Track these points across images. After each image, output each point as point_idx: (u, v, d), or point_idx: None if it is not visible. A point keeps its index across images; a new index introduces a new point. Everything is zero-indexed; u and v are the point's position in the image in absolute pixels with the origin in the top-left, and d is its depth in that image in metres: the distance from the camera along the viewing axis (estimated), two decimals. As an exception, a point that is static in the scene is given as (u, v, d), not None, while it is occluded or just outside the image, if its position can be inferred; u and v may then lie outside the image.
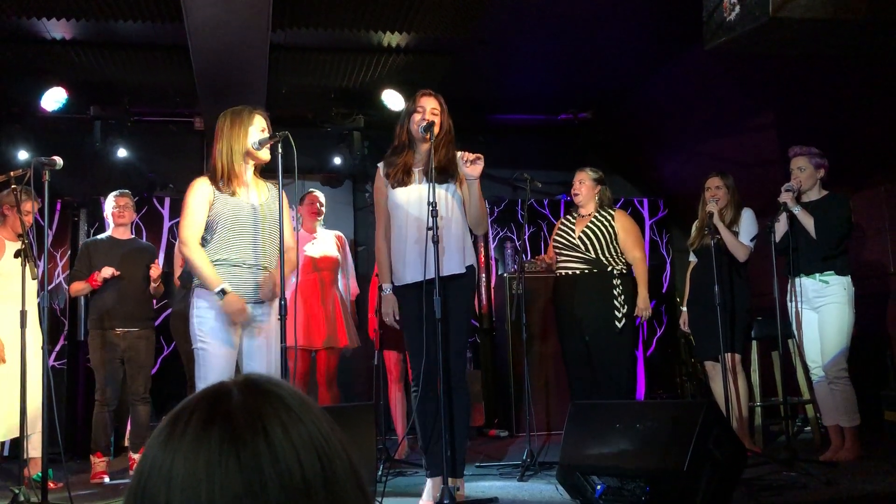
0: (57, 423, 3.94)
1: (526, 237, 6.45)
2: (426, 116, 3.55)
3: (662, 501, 3.09)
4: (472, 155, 3.44)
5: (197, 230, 3.36)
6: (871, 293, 5.32)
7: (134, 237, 5.23)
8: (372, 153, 6.69)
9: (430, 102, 3.60)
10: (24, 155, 6.19)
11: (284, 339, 3.23)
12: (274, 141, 3.34)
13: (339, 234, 5.41)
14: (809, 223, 4.40)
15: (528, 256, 6.61)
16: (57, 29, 5.36)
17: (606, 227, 4.75)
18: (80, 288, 4.93)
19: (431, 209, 3.35)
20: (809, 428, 5.25)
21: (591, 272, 4.71)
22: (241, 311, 3.27)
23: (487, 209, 4.23)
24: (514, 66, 6.41)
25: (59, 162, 3.82)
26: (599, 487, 3.29)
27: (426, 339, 3.44)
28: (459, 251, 3.56)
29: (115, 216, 5.03)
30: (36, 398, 3.84)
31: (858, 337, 4.53)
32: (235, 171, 3.38)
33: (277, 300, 3.28)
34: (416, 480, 4.20)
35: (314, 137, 6.78)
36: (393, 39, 5.68)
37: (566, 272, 4.80)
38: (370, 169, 5.45)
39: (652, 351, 7.31)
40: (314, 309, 5.00)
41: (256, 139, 3.40)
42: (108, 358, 4.84)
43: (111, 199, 5.08)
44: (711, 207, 4.61)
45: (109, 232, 5.10)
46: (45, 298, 4.10)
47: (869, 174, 5.62)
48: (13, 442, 4.77)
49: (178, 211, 3.71)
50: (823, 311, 4.41)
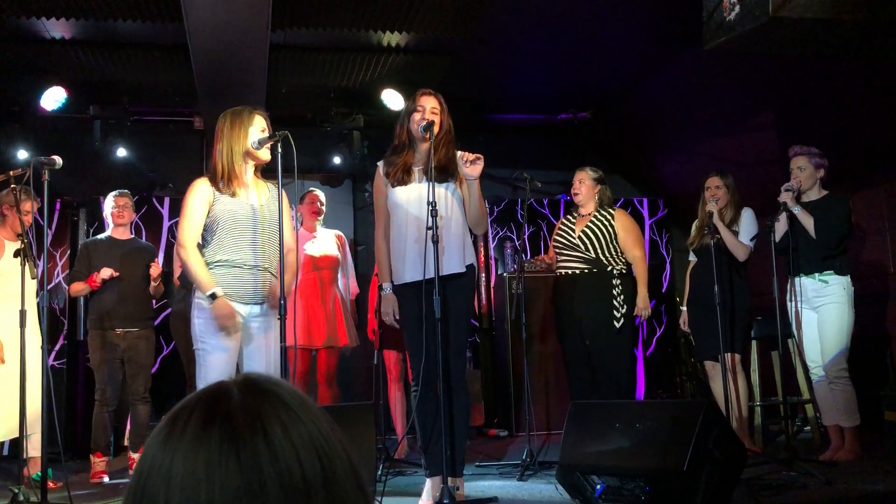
0: (56, 422, 3.94)
1: (525, 237, 6.45)
2: (426, 116, 3.55)
3: (662, 501, 3.09)
4: (471, 155, 3.44)
5: (195, 233, 3.35)
6: (870, 293, 5.32)
7: (133, 237, 5.23)
8: (372, 153, 6.69)
9: (429, 102, 3.59)
10: (23, 154, 6.18)
11: (284, 338, 3.23)
12: (273, 140, 3.33)
13: (339, 233, 5.41)
14: (809, 223, 4.40)
15: (527, 256, 6.61)
16: (56, 28, 5.36)
17: (606, 226, 4.75)
18: (79, 289, 4.93)
19: (431, 208, 3.35)
20: (809, 428, 5.25)
21: (590, 272, 4.71)
22: (228, 316, 3.25)
23: (487, 209, 4.22)
24: (514, 65, 6.40)
25: (58, 161, 3.82)
26: (599, 487, 3.29)
27: (426, 338, 3.44)
28: (459, 250, 3.55)
29: (114, 216, 5.03)
30: (35, 398, 3.84)
31: (858, 337, 4.52)
32: (236, 171, 3.37)
33: (278, 300, 3.27)
34: (415, 480, 4.20)
35: (314, 137, 6.77)
36: (393, 39, 5.68)
37: (566, 272, 4.80)
38: (370, 168, 5.44)
39: (652, 351, 7.31)
40: (314, 308, 5.00)
41: (256, 139, 3.39)
42: (107, 358, 4.83)
43: (110, 199, 5.08)
44: (711, 207, 4.60)
45: (109, 232, 5.09)
46: (44, 298, 4.10)
47: (869, 174, 5.62)
48: (13, 441, 4.76)
49: (177, 211, 3.70)
50: (823, 310, 4.40)
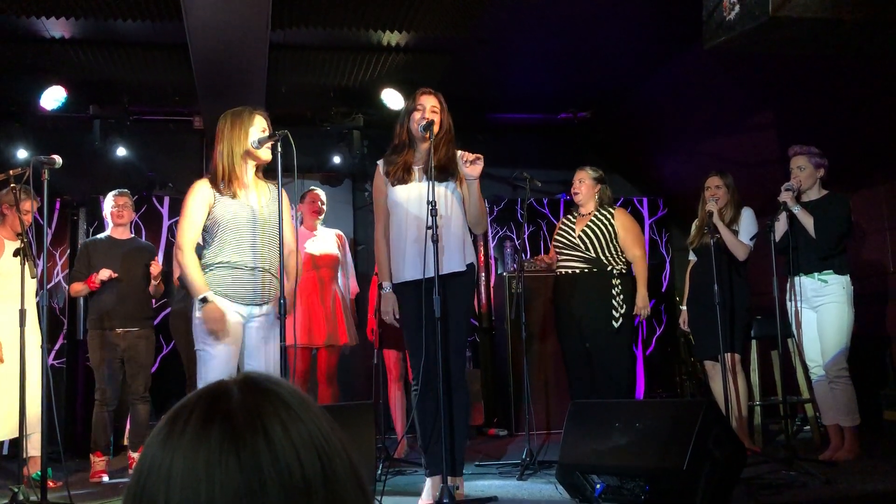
0: (56, 422, 3.94)
1: (525, 236, 6.44)
2: (426, 115, 3.55)
3: (662, 500, 3.09)
4: (471, 155, 3.44)
5: (193, 235, 3.35)
6: (870, 293, 5.32)
7: (133, 237, 5.22)
8: (371, 152, 6.68)
9: (429, 101, 3.59)
10: (23, 154, 6.18)
11: (284, 337, 3.23)
12: (273, 140, 3.32)
13: (339, 232, 5.42)
14: (809, 222, 4.40)
15: (527, 255, 6.61)
16: (56, 28, 5.36)
17: (606, 225, 4.75)
18: (79, 289, 4.93)
19: (431, 208, 3.34)
20: (809, 427, 5.25)
21: (590, 271, 4.71)
22: (218, 320, 3.24)
23: (487, 208, 4.22)
24: (513, 65, 6.40)
25: (58, 161, 3.82)
26: (599, 486, 3.29)
27: (426, 337, 3.44)
28: (459, 249, 3.55)
29: (113, 216, 5.02)
30: (35, 397, 3.84)
31: (858, 336, 4.52)
32: (236, 172, 3.37)
33: (278, 299, 3.27)
34: (415, 479, 4.20)
35: (314, 136, 6.77)
36: (392, 38, 5.68)
37: (566, 271, 4.80)
38: (370, 168, 5.44)
39: (651, 350, 7.31)
40: (314, 307, 5.00)
41: (256, 139, 3.39)
42: (107, 358, 4.83)
43: (110, 198, 5.07)
44: (711, 206, 4.60)
45: (108, 232, 5.09)
46: (44, 297, 4.10)
47: (869, 174, 5.62)
48: (12, 441, 4.76)
49: (177, 210, 3.70)
50: (823, 310, 4.41)
